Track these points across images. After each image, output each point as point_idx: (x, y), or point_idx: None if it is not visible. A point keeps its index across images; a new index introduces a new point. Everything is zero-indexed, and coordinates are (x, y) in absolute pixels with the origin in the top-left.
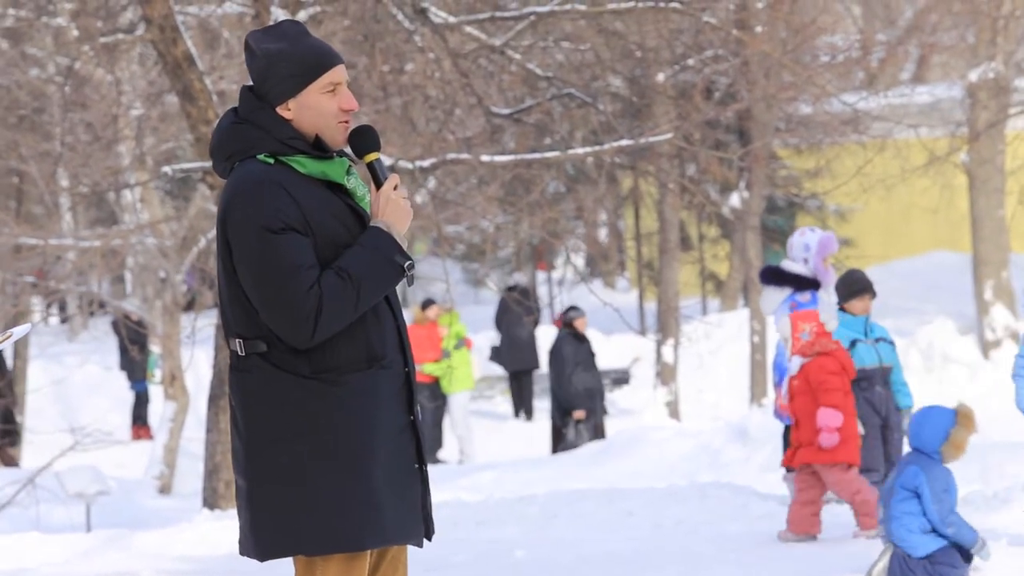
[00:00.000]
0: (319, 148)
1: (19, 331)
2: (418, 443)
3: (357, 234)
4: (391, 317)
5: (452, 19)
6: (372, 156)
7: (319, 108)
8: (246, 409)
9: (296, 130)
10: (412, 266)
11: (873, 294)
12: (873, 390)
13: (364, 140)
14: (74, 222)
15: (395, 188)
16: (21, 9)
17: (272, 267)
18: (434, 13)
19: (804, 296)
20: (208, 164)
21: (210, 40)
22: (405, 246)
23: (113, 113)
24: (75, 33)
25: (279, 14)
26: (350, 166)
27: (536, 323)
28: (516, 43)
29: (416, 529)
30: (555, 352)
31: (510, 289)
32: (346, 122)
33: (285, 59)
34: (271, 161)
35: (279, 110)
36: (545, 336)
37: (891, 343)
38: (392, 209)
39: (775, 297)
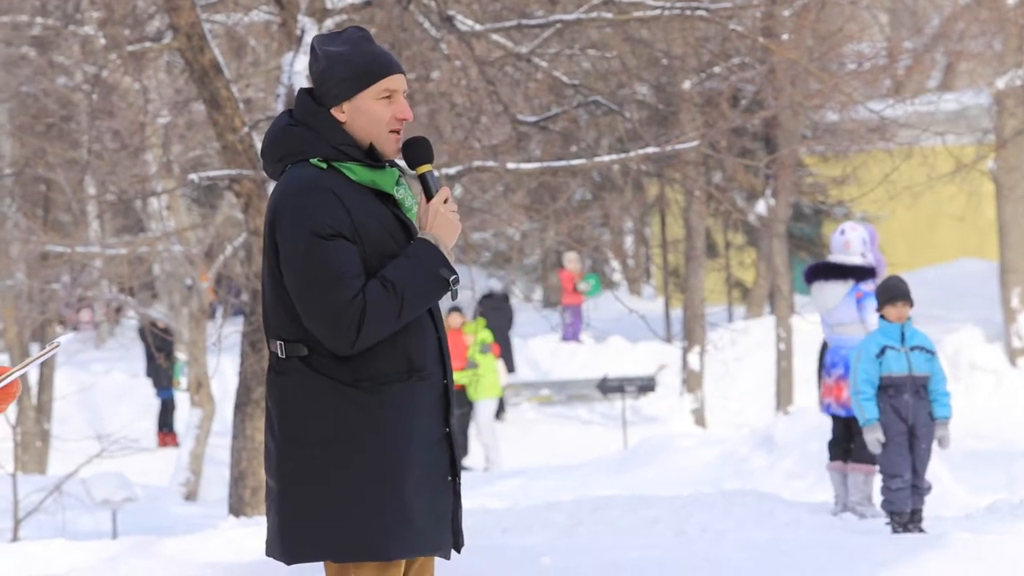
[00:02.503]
0: (371, 157)
1: (65, 340)
2: (452, 455)
3: (403, 245)
4: (432, 328)
5: (478, 27)
6: (425, 168)
7: (372, 114)
8: (282, 411)
9: (349, 136)
10: (457, 280)
11: (909, 302)
12: (900, 398)
13: (418, 151)
14: (101, 230)
15: (445, 201)
16: (49, 18)
17: (318, 273)
18: (460, 21)
19: (868, 285)
20: (235, 172)
21: (237, 48)
22: (452, 260)
23: (140, 121)
24: (102, 41)
25: (306, 23)
26: (400, 177)
27: (510, 326)
28: (542, 51)
29: (445, 540)
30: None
31: (487, 296)
32: (397, 131)
33: (343, 62)
34: (323, 166)
35: (333, 112)
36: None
37: (931, 352)
38: (441, 222)
39: (836, 290)
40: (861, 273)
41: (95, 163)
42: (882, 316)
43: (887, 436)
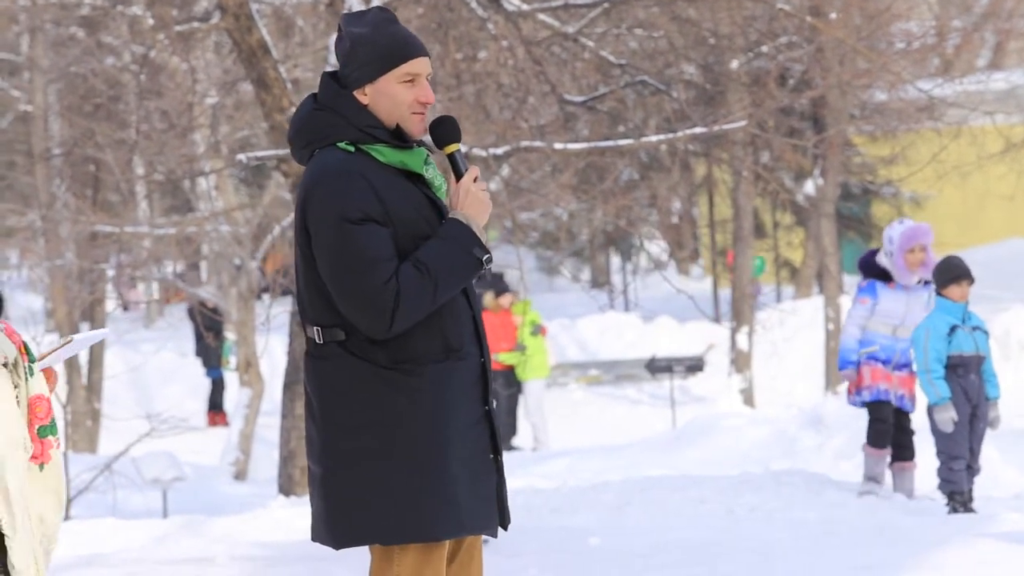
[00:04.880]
0: (399, 137)
1: (87, 338)
2: (493, 433)
3: (435, 225)
4: (467, 307)
5: (525, 7)
6: (453, 147)
7: (394, 97)
8: (323, 397)
9: (375, 117)
10: (490, 259)
11: (971, 280)
12: (968, 377)
13: (446, 130)
14: (150, 210)
15: (475, 180)
16: None
17: (351, 259)
18: (507, 1)
19: (863, 282)
20: (283, 152)
21: (284, 28)
22: (484, 239)
23: (188, 101)
24: (150, 21)
25: (353, 2)
26: (428, 156)
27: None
28: (589, 31)
29: (491, 519)
30: None
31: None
32: (421, 114)
33: (367, 44)
34: (351, 149)
35: (356, 94)
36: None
37: (986, 332)
38: (471, 201)
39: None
40: (868, 270)
41: (143, 143)
42: (942, 295)
43: (957, 416)
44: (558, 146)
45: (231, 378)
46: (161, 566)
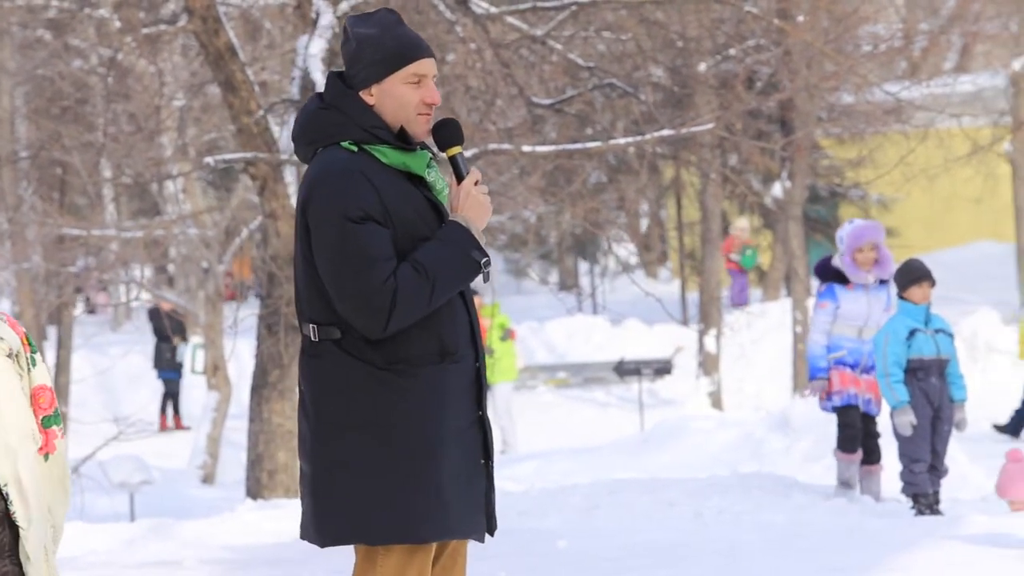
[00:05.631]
0: (402, 139)
1: None
2: (485, 438)
3: (434, 227)
4: (464, 311)
5: (493, 9)
6: (455, 150)
7: (400, 98)
8: (316, 395)
9: (379, 118)
10: (489, 262)
11: (932, 282)
12: (928, 380)
13: (448, 133)
14: (117, 213)
15: (476, 183)
16: (64, 0)
17: (349, 257)
18: (476, 3)
19: (821, 287)
20: (250, 155)
21: (252, 31)
22: (483, 242)
23: (155, 104)
24: (117, 24)
25: (321, 5)
26: (431, 159)
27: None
28: (557, 33)
29: (479, 524)
30: None
31: None
32: (427, 115)
33: (373, 45)
34: (354, 149)
35: (362, 95)
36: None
37: (950, 335)
38: (472, 204)
39: None
40: (825, 274)
41: (111, 146)
42: (904, 298)
43: (916, 420)
44: (526, 148)
45: (195, 381)
46: (129, 570)
